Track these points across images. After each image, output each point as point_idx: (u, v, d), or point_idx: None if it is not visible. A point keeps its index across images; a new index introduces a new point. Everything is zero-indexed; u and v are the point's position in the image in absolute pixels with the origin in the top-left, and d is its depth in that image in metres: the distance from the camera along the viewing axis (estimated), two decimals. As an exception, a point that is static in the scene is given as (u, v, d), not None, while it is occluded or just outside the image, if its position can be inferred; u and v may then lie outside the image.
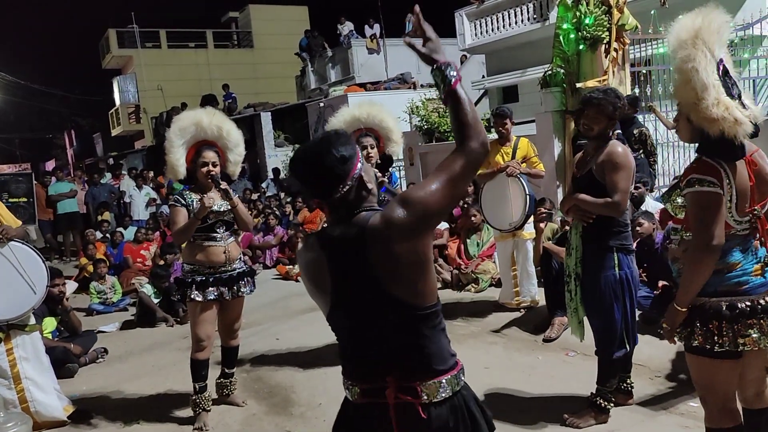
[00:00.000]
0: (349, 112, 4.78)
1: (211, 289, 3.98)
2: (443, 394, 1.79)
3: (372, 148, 4.56)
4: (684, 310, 2.43)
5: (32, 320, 4.21)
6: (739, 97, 2.39)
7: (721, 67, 2.39)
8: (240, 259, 4.19)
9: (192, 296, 3.94)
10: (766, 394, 2.64)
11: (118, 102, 28.29)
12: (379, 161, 4.66)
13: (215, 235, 4.02)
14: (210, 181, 4.00)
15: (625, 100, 3.54)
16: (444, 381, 1.80)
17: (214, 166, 4.02)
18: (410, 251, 1.71)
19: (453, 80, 1.79)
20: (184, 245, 4.13)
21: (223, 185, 4.00)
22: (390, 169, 5.00)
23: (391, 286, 1.73)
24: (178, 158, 4.02)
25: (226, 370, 4.36)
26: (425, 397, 1.78)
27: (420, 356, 1.79)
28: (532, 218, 5.61)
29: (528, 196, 5.46)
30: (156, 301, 6.99)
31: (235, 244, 4.16)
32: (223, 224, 4.06)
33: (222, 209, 4.02)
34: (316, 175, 1.77)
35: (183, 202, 3.97)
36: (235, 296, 4.10)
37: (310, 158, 1.78)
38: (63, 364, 5.21)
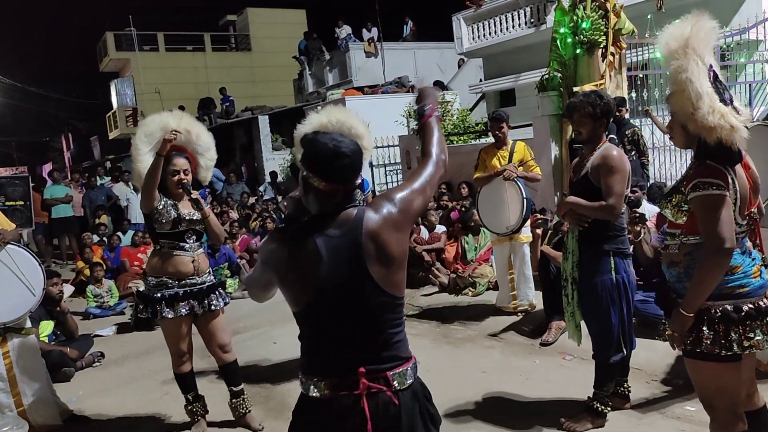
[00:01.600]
0: (317, 119, 4.57)
1: (182, 303, 3.76)
2: (409, 381, 1.95)
3: None
4: (692, 315, 2.41)
5: (28, 323, 4.20)
6: (731, 101, 2.41)
7: (712, 74, 2.41)
8: (209, 272, 3.98)
9: (163, 314, 3.73)
10: (756, 395, 2.64)
11: (115, 105, 28.25)
12: None
13: (184, 244, 3.81)
14: (181, 190, 3.81)
15: (608, 98, 3.52)
16: (409, 368, 1.96)
17: (185, 174, 3.83)
18: (395, 243, 1.91)
19: (427, 113, 2.16)
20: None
21: (194, 194, 3.81)
22: (363, 176, 4.89)
23: (377, 275, 1.88)
24: (146, 166, 3.79)
25: (234, 389, 4.05)
26: (396, 384, 1.91)
27: (390, 344, 1.93)
28: (529, 222, 5.62)
29: (525, 200, 5.46)
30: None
31: (204, 256, 3.96)
32: (193, 234, 3.86)
33: (194, 218, 3.84)
34: (357, 157, 1.94)
35: (159, 197, 3.78)
36: (208, 310, 3.86)
37: (352, 144, 1.95)
38: (59, 368, 5.20)
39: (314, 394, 1.92)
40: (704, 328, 2.40)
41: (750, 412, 2.61)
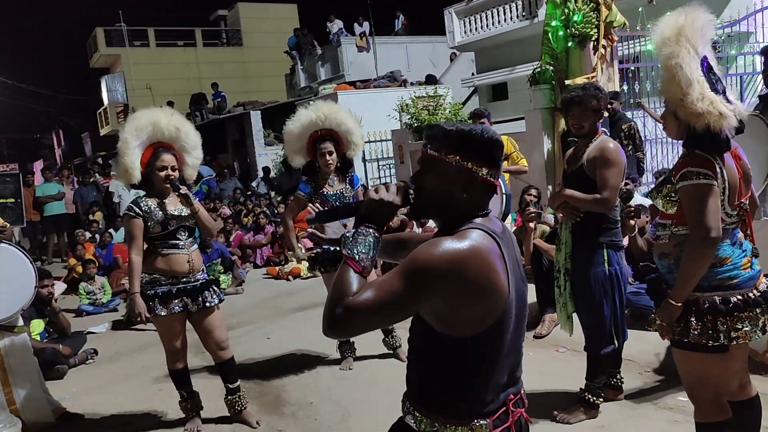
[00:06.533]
0: (305, 115, 4.57)
1: (175, 301, 3.72)
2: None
3: (330, 155, 4.48)
4: (680, 305, 2.43)
5: (20, 322, 4.18)
6: (724, 92, 2.43)
7: (705, 64, 2.43)
8: (203, 269, 3.93)
9: (156, 311, 3.68)
10: (749, 385, 2.67)
11: (106, 101, 28.12)
12: (338, 164, 4.58)
13: (177, 242, 3.77)
14: (168, 186, 3.77)
15: (605, 91, 3.55)
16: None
17: (173, 170, 3.77)
18: None
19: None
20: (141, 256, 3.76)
21: (183, 190, 3.76)
22: (351, 171, 4.75)
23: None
24: (133, 161, 3.73)
25: (230, 386, 4.02)
26: (527, 403, 1.75)
27: (520, 362, 1.74)
28: (509, 219, 5.65)
29: (504, 195, 5.44)
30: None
31: (198, 253, 3.90)
32: (185, 230, 3.81)
33: (183, 214, 3.80)
34: None
35: (139, 211, 3.70)
36: (201, 308, 3.81)
37: None
38: (52, 366, 5.18)
39: None
40: (692, 319, 2.43)
41: (743, 401, 2.64)
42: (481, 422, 1.59)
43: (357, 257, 1.56)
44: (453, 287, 1.49)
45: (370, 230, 1.61)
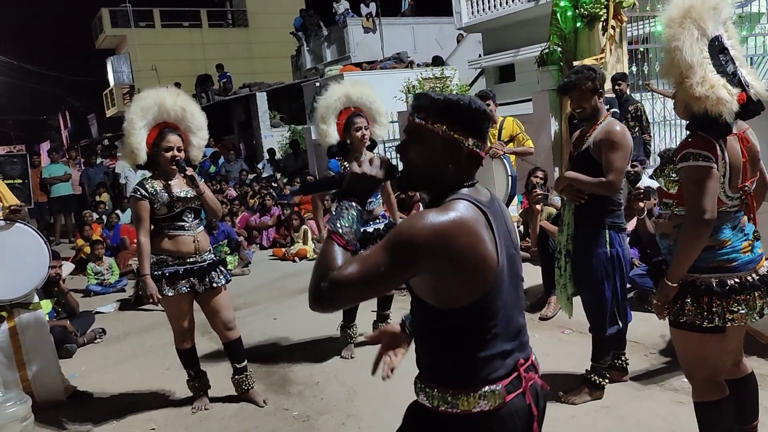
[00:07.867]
0: (342, 90, 4.68)
1: (182, 282, 3.75)
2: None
3: (366, 129, 4.53)
4: (675, 285, 2.46)
5: (36, 299, 4.22)
6: (734, 74, 2.39)
7: (717, 44, 2.39)
8: (209, 250, 3.95)
9: (164, 292, 3.72)
10: (743, 363, 2.70)
11: (112, 83, 28.05)
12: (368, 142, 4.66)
13: (183, 223, 3.80)
14: (174, 167, 3.78)
15: (599, 72, 3.52)
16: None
17: (179, 150, 3.78)
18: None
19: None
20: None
21: (189, 171, 3.78)
22: (375, 151, 4.86)
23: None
24: (139, 141, 3.74)
25: (237, 365, 4.05)
26: (540, 368, 1.73)
27: (526, 327, 1.73)
28: (515, 201, 5.60)
29: (510, 177, 5.40)
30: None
31: (204, 234, 3.94)
32: (191, 212, 3.84)
33: (189, 196, 3.81)
34: None
35: (145, 193, 3.73)
36: (209, 288, 3.84)
37: None
38: (61, 345, 5.23)
39: (484, 408, 1.58)
40: (688, 300, 2.45)
41: (738, 379, 2.67)
42: (493, 388, 1.58)
43: (341, 231, 1.57)
44: (439, 260, 1.50)
45: (353, 203, 1.61)
